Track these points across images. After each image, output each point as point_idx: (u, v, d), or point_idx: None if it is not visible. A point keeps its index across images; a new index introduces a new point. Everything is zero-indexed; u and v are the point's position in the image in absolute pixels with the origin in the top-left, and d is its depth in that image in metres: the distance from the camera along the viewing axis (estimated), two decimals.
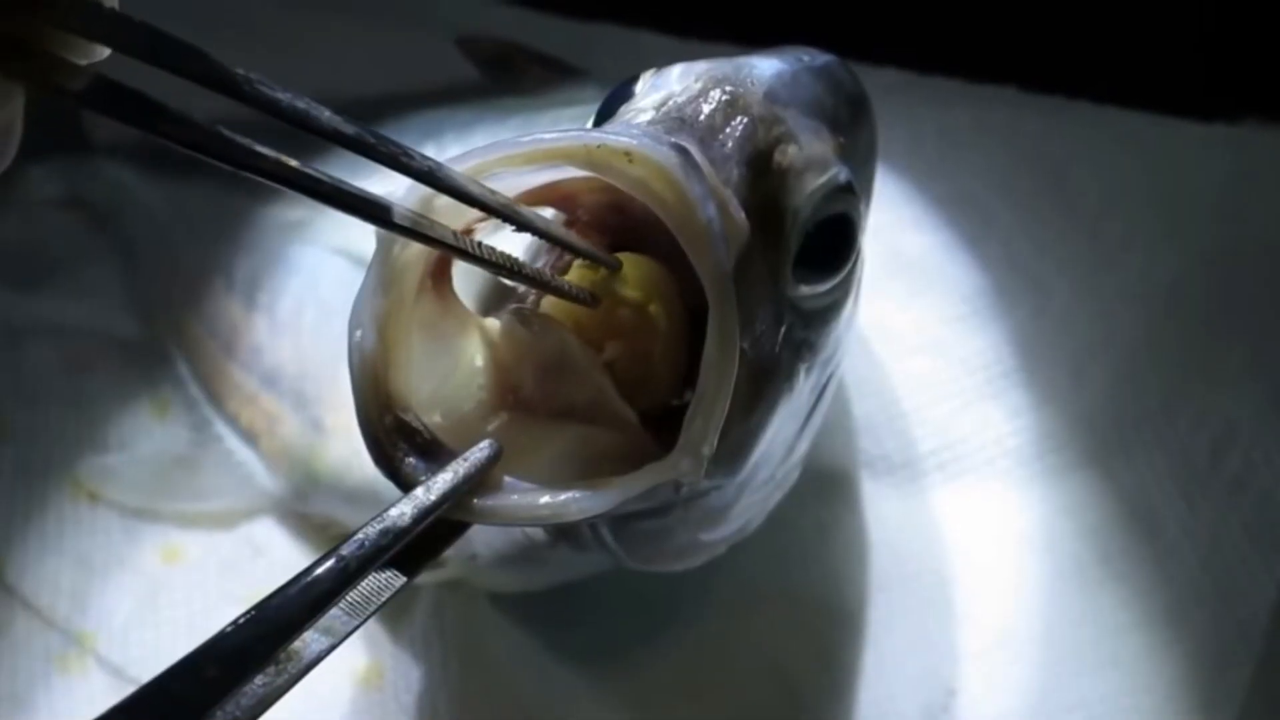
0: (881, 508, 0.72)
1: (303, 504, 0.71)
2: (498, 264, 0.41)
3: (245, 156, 0.34)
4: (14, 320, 0.80)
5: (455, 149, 0.71)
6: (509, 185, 0.43)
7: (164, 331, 0.79)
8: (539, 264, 0.50)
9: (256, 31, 0.92)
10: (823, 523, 0.71)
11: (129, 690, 0.65)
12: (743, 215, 0.44)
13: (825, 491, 0.71)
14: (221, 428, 0.75)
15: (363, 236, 0.67)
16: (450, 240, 0.40)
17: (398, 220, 0.39)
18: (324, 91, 0.85)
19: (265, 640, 0.32)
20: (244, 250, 0.75)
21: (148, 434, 0.76)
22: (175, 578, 0.71)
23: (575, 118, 0.71)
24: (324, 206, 0.70)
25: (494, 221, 0.45)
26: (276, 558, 0.72)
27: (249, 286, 0.74)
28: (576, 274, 0.46)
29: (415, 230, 0.39)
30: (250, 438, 0.73)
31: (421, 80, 0.87)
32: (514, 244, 0.52)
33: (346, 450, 0.67)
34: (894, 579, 0.69)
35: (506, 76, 0.87)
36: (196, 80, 0.33)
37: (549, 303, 0.46)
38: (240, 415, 0.73)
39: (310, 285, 0.72)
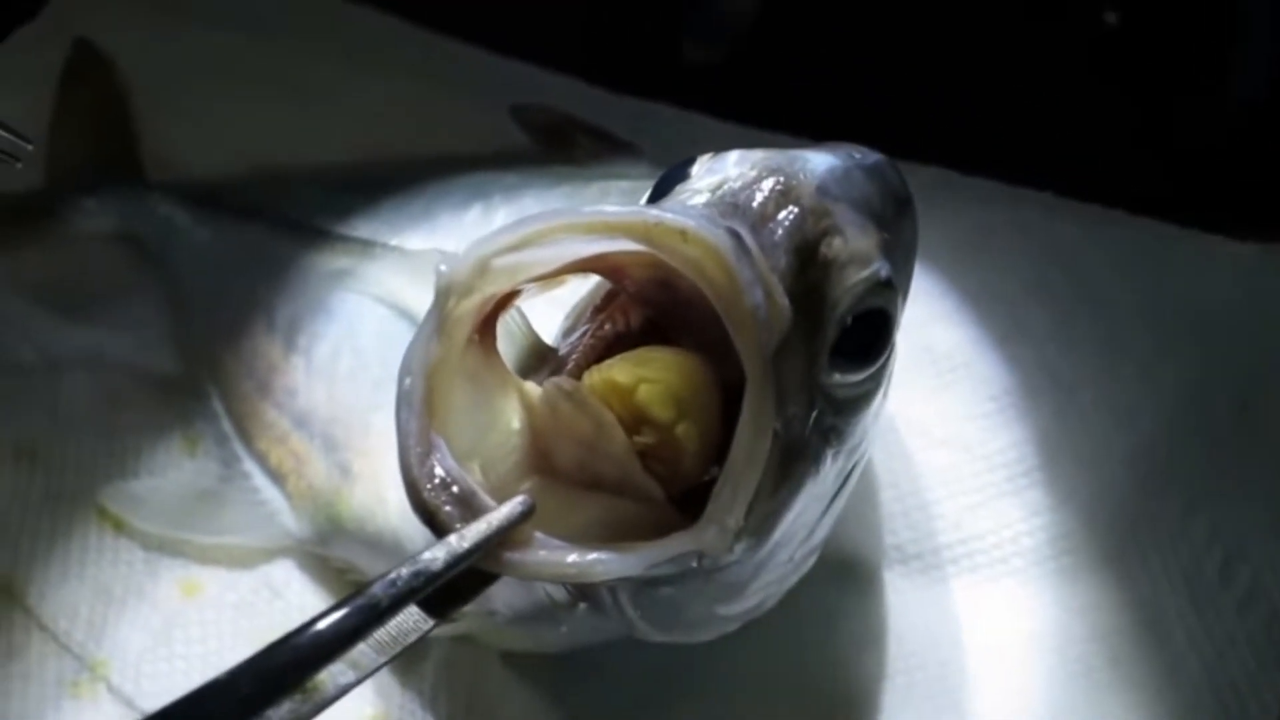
0: (893, 598, 0.72)
1: (324, 547, 0.71)
2: None
3: None
4: (54, 349, 0.81)
5: (503, 210, 0.74)
6: (563, 252, 0.44)
7: (201, 367, 0.80)
8: (578, 334, 0.52)
9: (314, 89, 0.95)
10: (832, 608, 0.70)
11: None
12: (787, 302, 0.45)
13: (838, 577, 0.71)
14: (249, 465, 0.75)
15: (403, 288, 0.68)
16: None
17: None
18: (379, 149, 0.88)
19: (297, 667, 0.33)
20: (287, 294, 0.76)
21: (177, 467, 0.77)
22: (191, 614, 0.71)
23: (623, 191, 0.73)
24: (368, 256, 0.72)
25: (537, 287, 0.47)
26: (293, 601, 0.72)
27: (289, 330, 0.75)
28: (600, 379, 0.47)
29: None
30: (278, 477, 0.73)
31: (474, 144, 0.89)
32: (556, 309, 0.54)
33: (371, 496, 0.67)
34: (899, 670, 0.69)
35: (557, 146, 0.89)
36: None
37: (589, 378, 0.47)
38: (269, 454, 0.74)
39: (349, 333, 0.72)
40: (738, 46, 1.00)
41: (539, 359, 0.52)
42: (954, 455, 0.76)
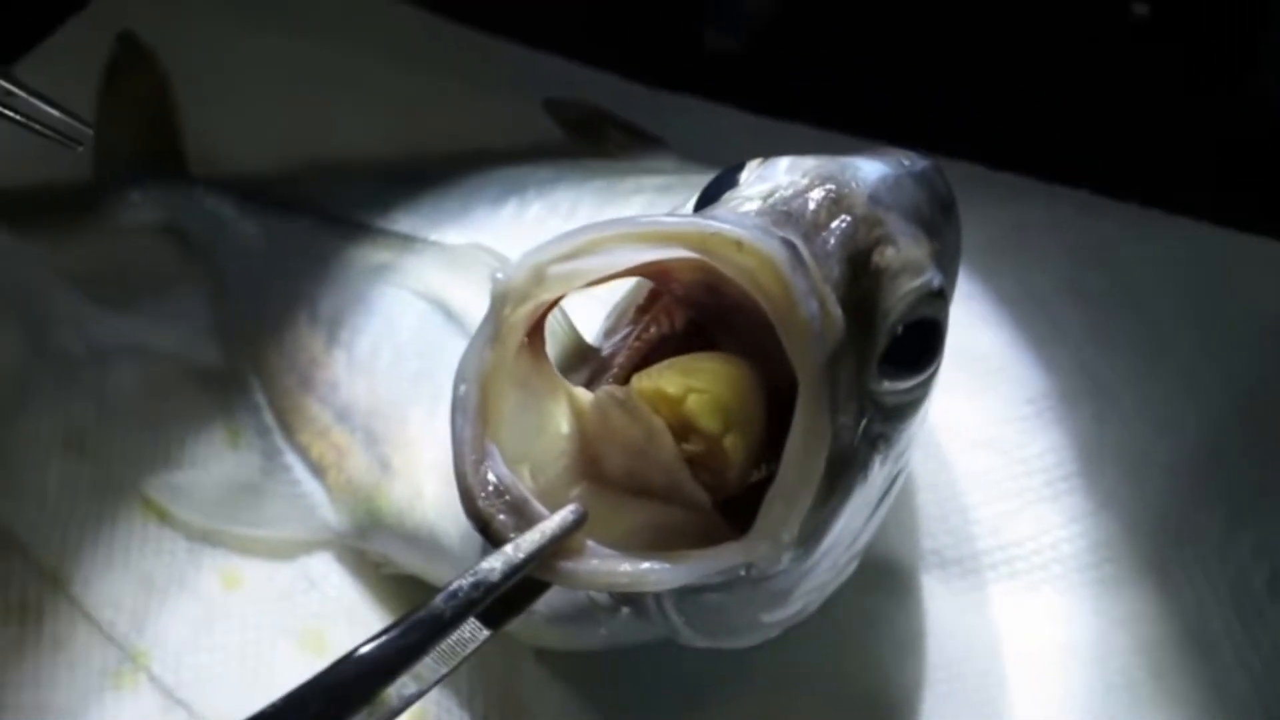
0: (931, 603, 0.71)
1: (362, 540, 0.71)
2: None
3: None
4: (101, 340, 0.81)
5: (537, 205, 0.74)
6: (617, 260, 0.44)
7: (244, 359, 0.81)
8: (622, 334, 0.52)
9: (353, 84, 0.96)
10: (870, 612, 0.70)
11: (179, 712, 0.66)
12: (840, 313, 0.45)
13: (875, 581, 0.70)
14: (291, 458, 0.75)
15: (441, 282, 0.69)
16: None
17: None
18: (416, 143, 0.88)
19: (364, 681, 0.33)
20: (330, 288, 0.77)
21: (219, 459, 0.78)
22: (232, 605, 0.71)
23: (658, 188, 0.73)
24: (407, 250, 0.72)
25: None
26: (330, 594, 0.72)
27: (331, 324, 0.75)
28: (649, 387, 0.47)
29: None
30: (319, 470, 0.73)
31: (507, 137, 0.90)
32: (598, 307, 0.54)
33: (409, 491, 0.67)
34: (938, 677, 0.69)
35: (589, 139, 0.90)
36: None
37: (638, 384, 0.47)
38: (311, 447, 0.74)
39: (389, 327, 0.72)
40: (758, 37, 1.01)
41: (580, 358, 0.52)
42: (991, 459, 0.75)
